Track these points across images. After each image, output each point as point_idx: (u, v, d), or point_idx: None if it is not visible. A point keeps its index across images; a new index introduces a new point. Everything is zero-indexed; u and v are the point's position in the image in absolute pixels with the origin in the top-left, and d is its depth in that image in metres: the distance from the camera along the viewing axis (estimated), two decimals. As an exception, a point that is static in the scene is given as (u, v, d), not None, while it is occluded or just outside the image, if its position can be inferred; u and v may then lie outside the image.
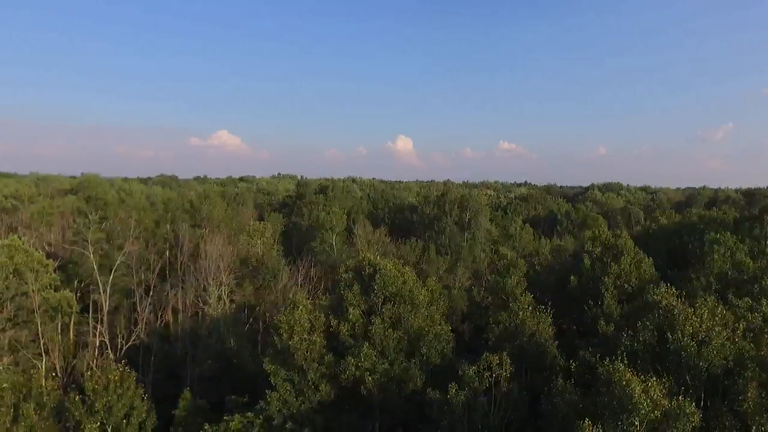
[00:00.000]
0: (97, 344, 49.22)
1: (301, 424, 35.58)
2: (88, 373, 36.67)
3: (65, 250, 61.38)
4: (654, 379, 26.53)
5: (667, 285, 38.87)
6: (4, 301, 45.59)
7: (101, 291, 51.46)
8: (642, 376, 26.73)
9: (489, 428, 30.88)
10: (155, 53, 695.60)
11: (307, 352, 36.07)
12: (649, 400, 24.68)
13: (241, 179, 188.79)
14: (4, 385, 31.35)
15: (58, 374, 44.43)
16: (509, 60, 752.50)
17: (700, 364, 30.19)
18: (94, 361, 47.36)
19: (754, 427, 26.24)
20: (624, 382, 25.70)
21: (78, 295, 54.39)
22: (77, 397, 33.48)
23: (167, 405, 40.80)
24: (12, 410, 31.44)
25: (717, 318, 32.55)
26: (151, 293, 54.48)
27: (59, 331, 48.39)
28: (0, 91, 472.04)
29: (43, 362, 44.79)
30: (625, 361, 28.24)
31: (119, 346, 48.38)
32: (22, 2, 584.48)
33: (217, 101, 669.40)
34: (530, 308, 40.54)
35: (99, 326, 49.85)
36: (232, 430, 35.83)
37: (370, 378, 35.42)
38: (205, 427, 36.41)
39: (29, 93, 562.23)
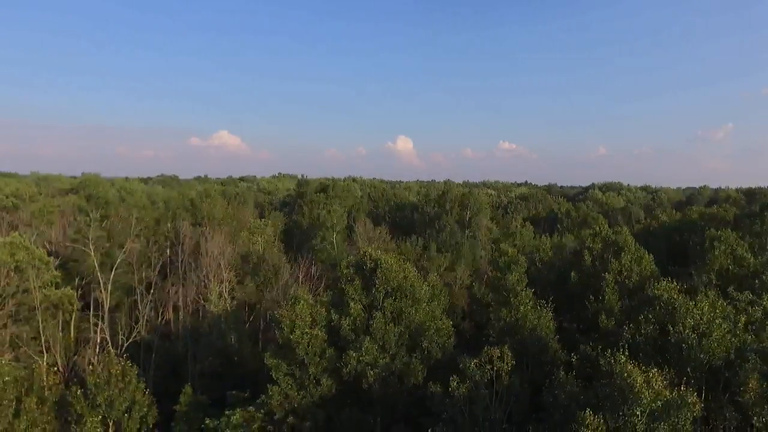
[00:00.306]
0: (98, 341, 49.22)
1: (302, 418, 35.62)
2: (90, 367, 36.74)
3: (66, 248, 61.47)
4: (656, 370, 26.55)
5: (667, 280, 38.94)
6: (5, 298, 45.60)
7: (102, 288, 51.47)
8: (643, 367, 26.76)
9: (490, 421, 30.89)
10: (155, 53, 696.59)
11: (308, 347, 36.09)
12: (650, 390, 24.71)
13: (242, 179, 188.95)
14: (6, 378, 31.37)
15: (60, 370, 44.44)
16: (509, 60, 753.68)
17: (701, 356, 30.32)
18: (95, 357, 47.34)
19: (755, 418, 26.24)
20: (625, 373, 25.73)
21: (79, 292, 54.39)
22: (79, 391, 33.53)
23: (168, 402, 40.77)
24: (14, 404, 31.43)
25: (718, 311, 32.64)
26: (152, 291, 54.55)
27: (60, 328, 48.41)
28: (0, 91, 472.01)
29: (44, 359, 44.79)
30: (627, 353, 28.26)
31: (120, 343, 48.37)
32: (22, 2, 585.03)
33: (218, 101, 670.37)
34: (531, 303, 40.54)
35: (100, 323, 49.88)
36: (233, 424, 35.84)
37: (371, 372, 35.44)
38: (206, 422, 36.46)
39: (29, 93, 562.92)
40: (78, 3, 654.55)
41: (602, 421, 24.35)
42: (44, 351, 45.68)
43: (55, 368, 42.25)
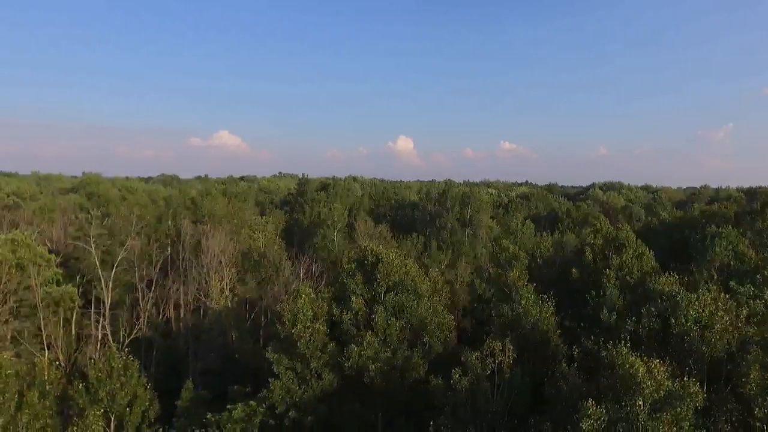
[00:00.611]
0: (100, 338, 49.28)
1: (304, 412, 35.62)
2: (91, 361, 36.77)
3: (67, 245, 61.50)
4: (658, 360, 26.57)
5: (668, 274, 38.93)
6: (7, 295, 45.64)
7: (103, 286, 51.50)
8: (645, 358, 26.77)
9: (492, 413, 30.91)
10: (155, 53, 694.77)
11: (310, 341, 36.12)
12: (652, 381, 24.71)
13: (242, 179, 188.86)
14: (8, 372, 31.36)
15: (62, 365, 44.48)
16: (510, 60, 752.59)
17: (703, 348, 30.31)
18: (97, 353, 47.38)
19: (756, 409, 26.24)
20: (627, 364, 25.73)
21: (80, 290, 54.40)
22: (81, 385, 33.53)
23: (169, 398, 40.73)
24: (16, 398, 31.42)
25: (719, 304, 32.65)
26: (153, 288, 54.58)
27: (61, 325, 48.47)
28: (0, 91, 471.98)
29: (46, 355, 44.83)
30: (629, 346, 28.26)
31: (121, 340, 48.41)
32: (22, 2, 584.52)
33: (218, 101, 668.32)
34: (532, 298, 40.50)
35: (101, 320, 49.92)
36: (234, 418, 35.83)
37: (373, 366, 35.45)
38: (208, 416, 36.45)
39: (29, 93, 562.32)
40: (78, 3, 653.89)
41: (604, 411, 24.33)
42: (45, 347, 45.72)
43: (57, 363, 42.27)
